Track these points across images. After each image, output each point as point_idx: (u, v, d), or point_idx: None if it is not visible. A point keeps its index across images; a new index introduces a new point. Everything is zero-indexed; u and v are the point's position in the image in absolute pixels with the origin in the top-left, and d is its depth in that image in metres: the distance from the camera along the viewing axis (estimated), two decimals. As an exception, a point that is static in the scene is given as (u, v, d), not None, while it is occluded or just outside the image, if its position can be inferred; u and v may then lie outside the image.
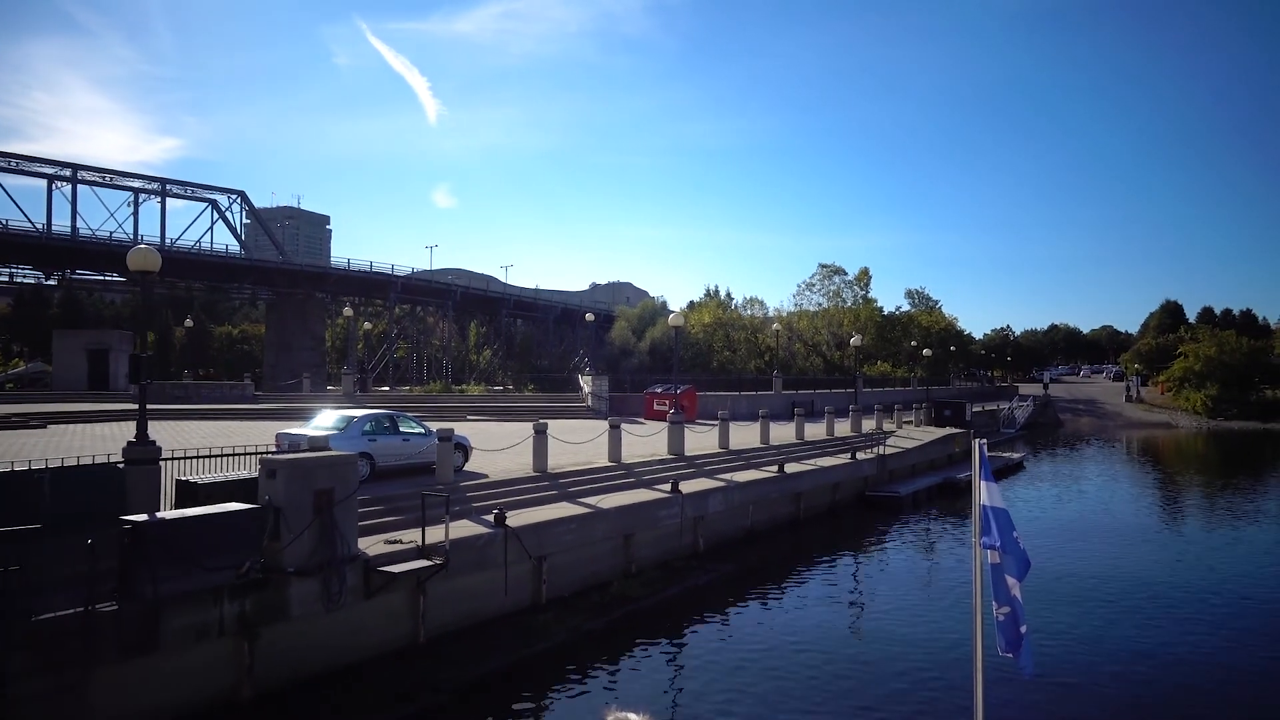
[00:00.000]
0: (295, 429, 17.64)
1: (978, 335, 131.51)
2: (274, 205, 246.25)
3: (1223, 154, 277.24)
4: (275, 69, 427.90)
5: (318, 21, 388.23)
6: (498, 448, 21.80)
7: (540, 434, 19.72)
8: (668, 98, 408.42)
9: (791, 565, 21.26)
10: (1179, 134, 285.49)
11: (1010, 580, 6.22)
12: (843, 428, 36.42)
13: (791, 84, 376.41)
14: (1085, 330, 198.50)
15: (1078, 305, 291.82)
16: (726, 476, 23.54)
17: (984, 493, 6.41)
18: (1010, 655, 6.22)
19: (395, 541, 13.56)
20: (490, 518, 15.37)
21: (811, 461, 28.57)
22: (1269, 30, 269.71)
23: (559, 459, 21.99)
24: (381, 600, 12.69)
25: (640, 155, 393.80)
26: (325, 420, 17.72)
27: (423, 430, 18.43)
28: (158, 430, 28.69)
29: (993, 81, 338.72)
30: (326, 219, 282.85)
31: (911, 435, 39.32)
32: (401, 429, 18.24)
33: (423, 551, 13.27)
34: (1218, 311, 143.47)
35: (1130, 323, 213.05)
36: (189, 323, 60.16)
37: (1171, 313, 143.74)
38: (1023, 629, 6.18)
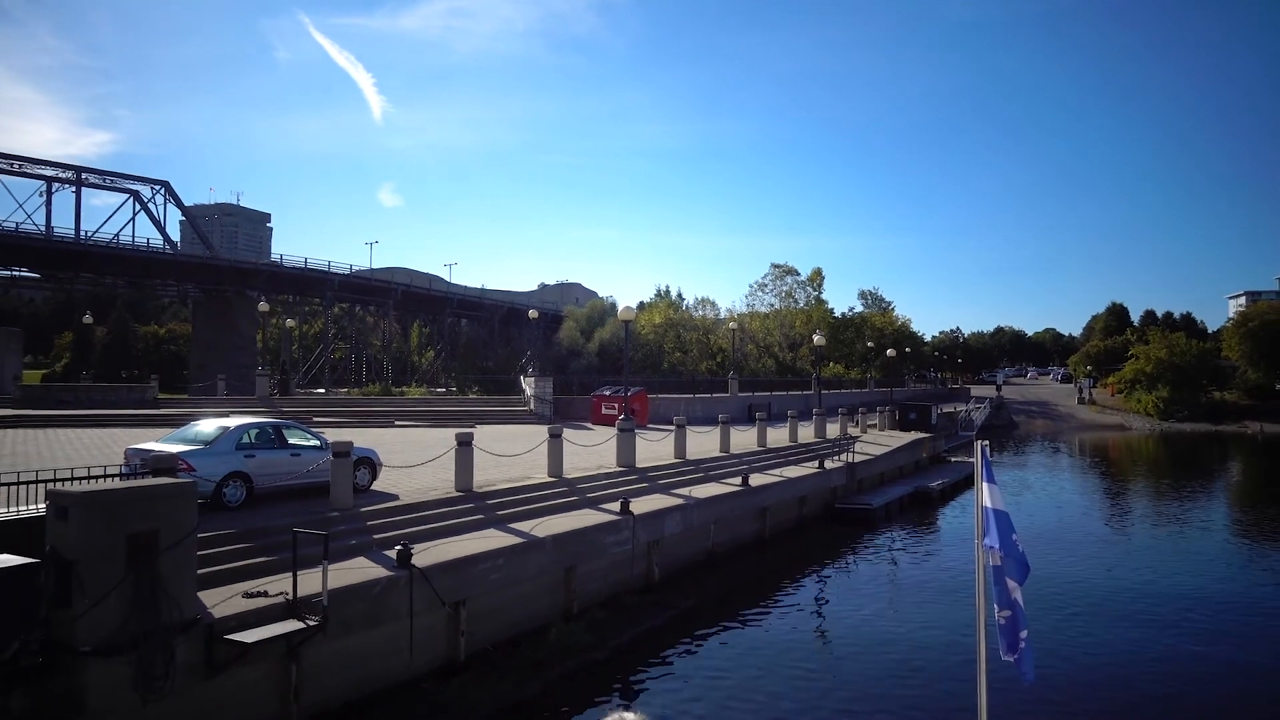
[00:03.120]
0: (153, 443, 14.20)
1: (927, 337, 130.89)
2: (212, 202, 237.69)
3: (1161, 164, 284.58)
4: (213, 63, 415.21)
5: (257, 14, 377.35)
6: (420, 460, 18.57)
7: (464, 446, 16.48)
8: (618, 98, 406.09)
9: (760, 593, 18.49)
10: (1120, 143, 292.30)
11: (1011, 584, 6.12)
12: (806, 433, 33.77)
13: (742, 87, 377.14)
14: (1030, 333, 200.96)
15: (1021, 308, 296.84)
16: (684, 492, 20.60)
17: (986, 494, 6.30)
18: (1012, 659, 6.10)
19: (259, 594, 10.29)
20: (393, 554, 12.17)
21: (776, 471, 25.79)
22: (1214, 42, 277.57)
23: (490, 474, 18.84)
24: (233, 677, 9.42)
25: (590, 156, 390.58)
26: (193, 431, 14.30)
27: (318, 443, 15.07)
28: (24, 440, 24.90)
29: (941, 90, 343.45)
30: (267, 216, 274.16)
31: (878, 440, 36.87)
32: (291, 441, 14.88)
33: (293, 607, 10.04)
34: (1159, 315, 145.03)
35: (1072, 325, 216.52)
36: (88, 319, 55.07)
37: (1117, 315, 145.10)
38: (1023, 634, 6.07)
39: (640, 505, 18.00)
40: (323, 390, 71.23)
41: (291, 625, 9.70)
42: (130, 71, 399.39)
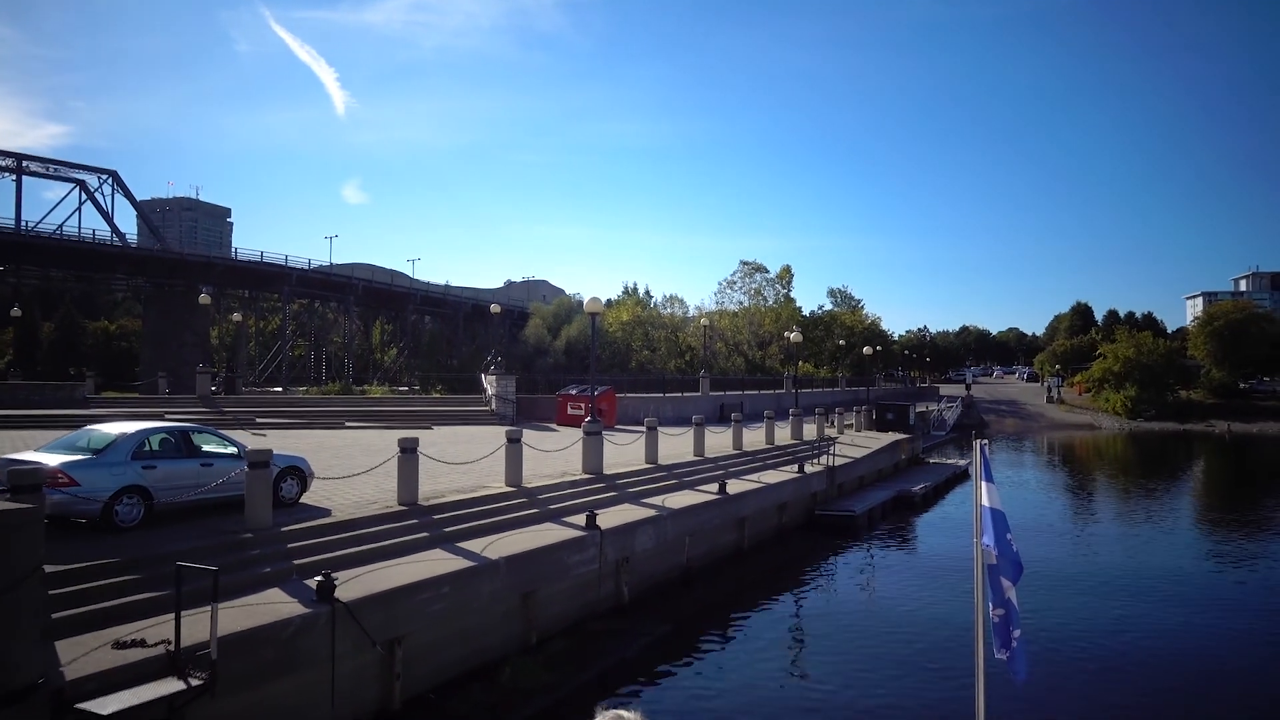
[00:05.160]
0: (33, 452, 12.05)
1: (894, 336, 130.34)
2: (171, 196, 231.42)
3: (1119, 168, 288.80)
4: (171, 55, 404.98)
5: (216, 6, 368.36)
6: (365, 467, 16.56)
7: (408, 453, 14.51)
8: (585, 96, 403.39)
9: (741, 611, 16.77)
10: (1080, 148, 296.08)
11: (1005, 583, 6.15)
12: (782, 434, 32.16)
13: (711, 86, 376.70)
14: (994, 332, 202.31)
15: (985, 308, 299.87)
16: (656, 501, 18.78)
17: (984, 493, 6.31)
18: (1004, 657, 6.15)
19: (135, 643, 8.29)
20: (314, 585, 10.21)
21: (754, 476, 24.07)
22: (1172, 51, 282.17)
23: (440, 482, 16.88)
24: (91, 753, 7.45)
25: (558, 153, 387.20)
26: (85, 438, 12.17)
27: (235, 450, 13.03)
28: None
29: (905, 92, 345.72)
30: (228, 211, 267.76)
31: (856, 442, 35.34)
32: (204, 448, 12.83)
33: (176, 659, 8.07)
34: (1122, 314, 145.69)
35: (1034, 325, 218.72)
36: (16, 312, 51.84)
37: (1082, 314, 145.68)
38: (1015, 633, 6.14)
39: (608, 518, 16.17)
40: (280, 389, 68.39)
41: (169, 686, 7.73)
42: (86, 63, 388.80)
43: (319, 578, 10.14)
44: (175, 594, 8.22)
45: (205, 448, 12.90)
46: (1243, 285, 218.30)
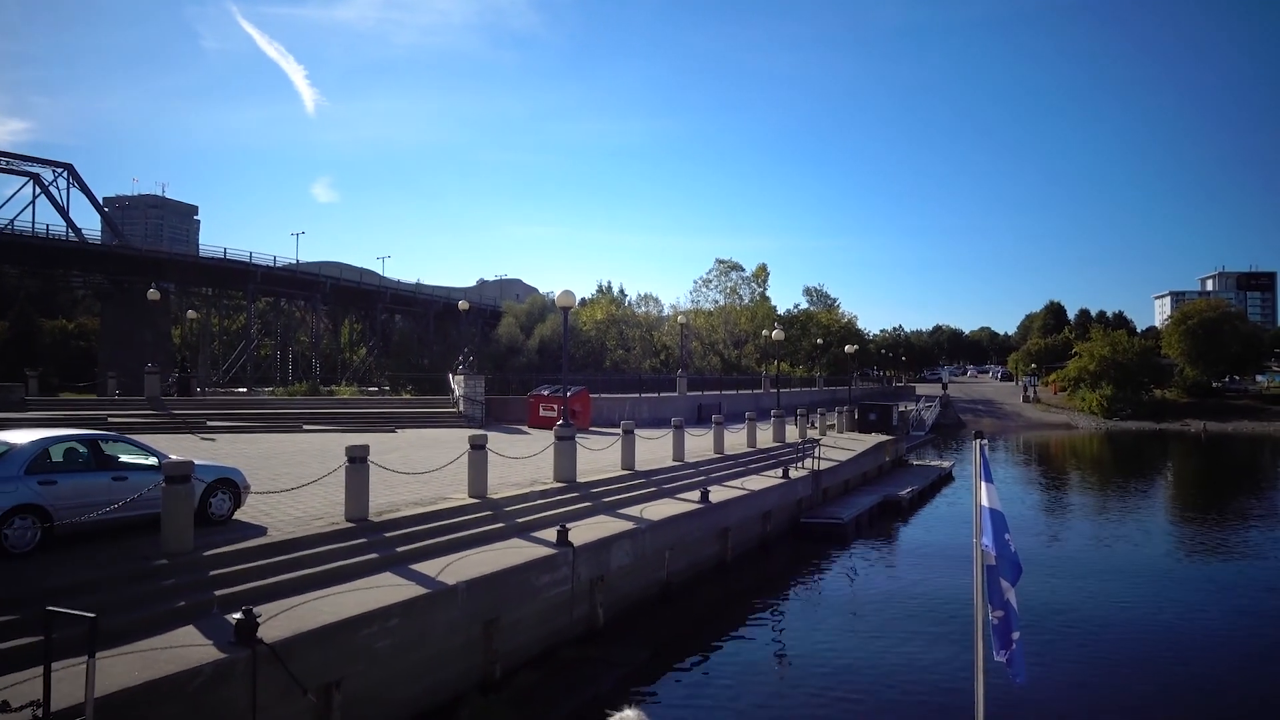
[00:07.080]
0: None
1: (870, 335, 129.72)
2: (136, 193, 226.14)
3: (1089, 169, 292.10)
4: (136, 50, 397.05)
5: (182, 1, 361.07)
6: (314, 476, 14.98)
7: (358, 463, 12.95)
8: (558, 94, 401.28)
9: (727, 631, 15.40)
10: (1051, 150, 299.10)
11: (1004, 584, 6.10)
12: (763, 435, 30.85)
13: (683, 86, 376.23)
14: (966, 331, 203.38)
15: (957, 307, 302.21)
16: (634, 511, 17.35)
17: (983, 493, 6.24)
18: (1004, 659, 6.05)
19: (-4, 705, 6.77)
20: (234, 621, 8.68)
21: (736, 482, 22.71)
22: (1143, 58, 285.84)
23: (398, 492, 15.39)
24: None
25: (531, 152, 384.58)
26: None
27: (155, 462, 11.43)
28: None
29: (880, 92, 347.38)
30: (194, 209, 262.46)
31: (839, 444, 34.11)
32: (119, 459, 11.23)
33: (46, 728, 6.54)
34: (1093, 313, 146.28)
35: (1004, 324, 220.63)
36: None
37: (1055, 313, 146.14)
38: (1015, 635, 6.06)
39: (582, 532, 14.72)
40: (244, 390, 66.15)
41: (31, 764, 6.22)
42: (48, 57, 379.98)
43: (239, 614, 8.62)
44: (45, 645, 6.69)
45: (121, 458, 11.29)
46: (1210, 285, 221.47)
